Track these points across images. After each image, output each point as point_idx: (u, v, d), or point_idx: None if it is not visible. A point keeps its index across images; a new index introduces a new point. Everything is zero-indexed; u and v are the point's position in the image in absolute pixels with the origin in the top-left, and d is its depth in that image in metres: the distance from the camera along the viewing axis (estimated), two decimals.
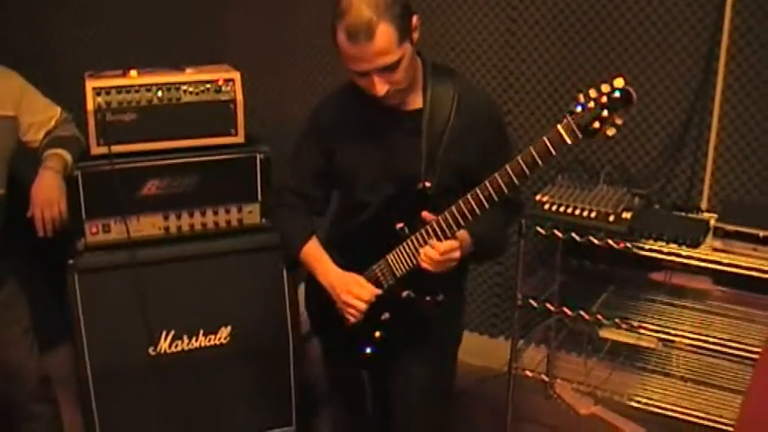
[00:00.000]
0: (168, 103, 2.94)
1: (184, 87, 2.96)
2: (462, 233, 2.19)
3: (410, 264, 2.23)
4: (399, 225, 2.23)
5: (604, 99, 1.88)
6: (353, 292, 2.28)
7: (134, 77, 2.94)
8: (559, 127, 1.94)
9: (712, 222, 2.96)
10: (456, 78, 2.29)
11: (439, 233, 2.15)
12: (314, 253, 2.40)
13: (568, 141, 1.93)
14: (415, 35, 2.16)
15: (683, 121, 3.22)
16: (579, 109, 1.91)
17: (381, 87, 2.13)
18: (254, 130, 3.12)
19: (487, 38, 3.57)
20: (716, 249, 2.85)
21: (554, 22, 3.40)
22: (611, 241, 2.95)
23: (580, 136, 1.92)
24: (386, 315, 2.32)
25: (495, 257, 2.54)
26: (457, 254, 2.17)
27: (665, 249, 2.90)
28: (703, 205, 3.23)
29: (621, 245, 2.94)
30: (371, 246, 2.30)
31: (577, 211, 2.98)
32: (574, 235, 3.01)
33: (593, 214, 2.96)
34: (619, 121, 1.90)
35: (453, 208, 2.11)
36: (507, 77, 3.56)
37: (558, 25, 3.39)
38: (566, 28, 3.38)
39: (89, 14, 4.02)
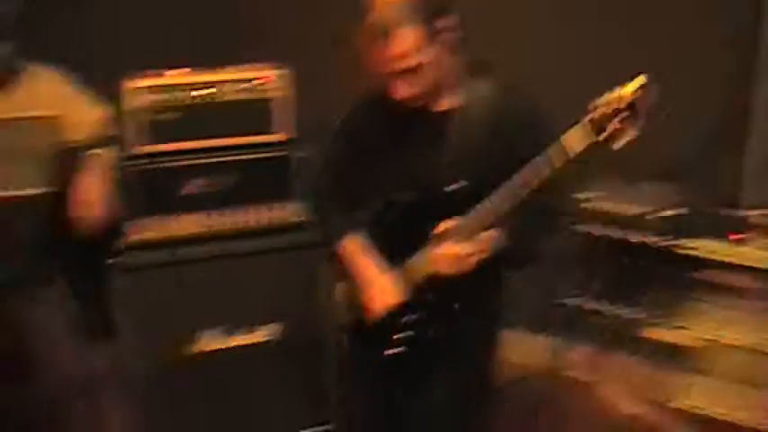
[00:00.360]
0: (209, 102, 2.94)
1: (225, 86, 2.95)
2: (487, 234, 2.14)
3: (432, 267, 2.21)
4: (424, 228, 2.21)
5: (623, 104, 1.83)
6: (381, 292, 2.29)
7: (174, 76, 2.94)
8: (575, 129, 1.91)
9: (756, 220, 2.92)
10: (497, 78, 2.21)
11: (460, 237, 2.12)
12: (353, 250, 2.39)
13: (584, 144, 1.90)
14: (450, 36, 2.08)
15: (727, 117, 3.19)
16: (592, 116, 1.87)
17: (403, 90, 2.09)
18: (300, 128, 3.11)
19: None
20: (760, 247, 2.82)
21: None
22: (653, 239, 2.92)
23: (598, 139, 1.88)
24: (410, 317, 2.31)
25: (525, 263, 2.48)
26: (472, 257, 2.13)
27: (710, 248, 2.87)
28: (745, 203, 3.19)
29: (664, 243, 2.92)
30: (398, 247, 2.30)
31: (620, 210, 2.96)
32: (616, 233, 2.99)
33: (635, 212, 2.94)
34: (640, 123, 1.84)
35: (473, 211, 2.10)
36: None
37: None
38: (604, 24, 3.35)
39: (123, 14, 4.02)
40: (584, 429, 3.46)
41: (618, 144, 1.86)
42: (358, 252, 2.38)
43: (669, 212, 2.91)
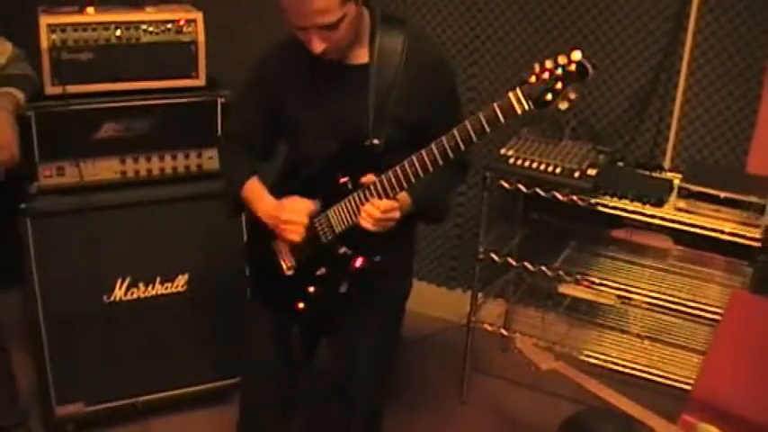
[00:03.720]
0: (127, 43, 2.83)
1: (144, 27, 2.84)
2: (402, 195, 2.15)
3: (350, 220, 2.18)
4: (343, 180, 2.19)
5: (559, 71, 1.84)
6: (292, 206, 2.22)
7: (91, 14, 2.82)
8: (510, 95, 1.89)
9: (676, 182, 2.96)
10: (407, 30, 2.22)
11: (381, 193, 2.11)
12: (255, 190, 2.34)
13: (518, 111, 1.89)
14: None
15: (650, 78, 3.21)
16: (533, 79, 1.87)
17: (318, 45, 2.06)
18: (214, 73, 3.03)
19: (453, 11, 3.51)
20: (679, 209, 2.86)
21: None
22: (575, 197, 2.94)
23: (531, 107, 1.88)
24: (322, 270, 2.27)
25: (436, 221, 2.51)
26: (396, 214, 2.13)
27: (630, 207, 2.90)
28: (666, 164, 3.23)
29: (586, 201, 2.94)
30: (314, 199, 2.24)
31: (542, 167, 2.97)
32: (538, 190, 2.99)
33: (557, 170, 2.95)
34: (572, 96, 1.85)
35: (398, 169, 2.07)
36: (474, 28, 3.50)
37: None
38: None
39: None
40: (499, 382, 3.51)
41: (562, 105, 1.86)
42: (259, 193, 2.34)
43: (593, 171, 2.92)
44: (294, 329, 2.38)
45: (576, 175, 2.92)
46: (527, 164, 2.99)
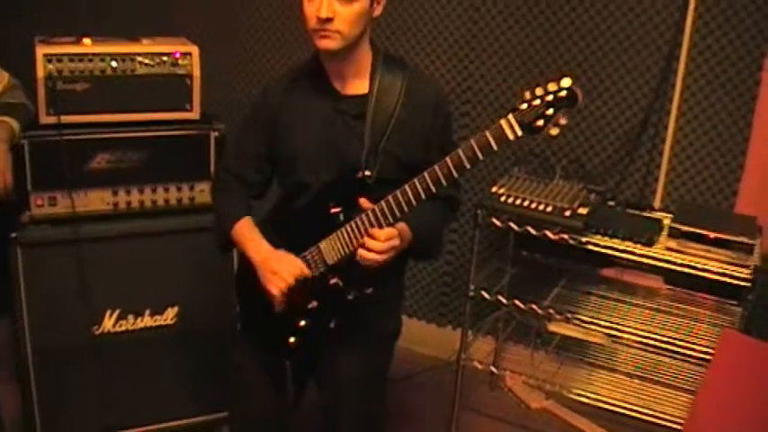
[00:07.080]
0: (122, 75, 2.84)
1: (140, 59, 2.86)
2: (402, 225, 2.16)
3: (343, 252, 2.18)
4: (335, 210, 2.19)
5: (550, 97, 1.87)
6: (282, 261, 2.23)
7: (88, 45, 2.84)
8: (502, 122, 1.92)
9: (666, 222, 2.98)
10: (407, 69, 2.28)
11: (374, 222, 2.11)
12: (246, 232, 2.34)
13: (510, 137, 1.92)
14: (378, 10, 2.17)
15: (641, 119, 3.24)
16: (524, 106, 1.90)
17: (326, 10, 2.06)
18: (209, 107, 3.04)
19: (449, 25, 3.54)
20: (670, 249, 2.87)
21: (517, 12, 3.38)
22: (566, 236, 2.95)
23: (521, 133, 1.91)
24: (313, 304, 2.26)
25: (431, 256, 2.51)
26: (397, 241, 2.13)
27: (620, 247, 2.91)
28: (656, 204, 3.25)
29: (576, 240, 2.95)
30: (307, 231, 2.25)
31: (533, 205, 2.98)
32: (529, 228, 3.00)
33: (549, 208, 2.96)
34: (563, 122, 1.88)
35: (390, 198, 2.08)
36: (468, 66, 3.54)
37: (522, 16, 3.37)
38: (529, 20, 3.36)
39: None
40: (489, 421, 3.50)
41: (553, 131, 1.90)
42: (250, 235, 2.34)
43: (584, 210, 2.94)
44: (285, 366, 2.36)
45: (567, 213, 2.94)
46: (518, 202, 3.00)
